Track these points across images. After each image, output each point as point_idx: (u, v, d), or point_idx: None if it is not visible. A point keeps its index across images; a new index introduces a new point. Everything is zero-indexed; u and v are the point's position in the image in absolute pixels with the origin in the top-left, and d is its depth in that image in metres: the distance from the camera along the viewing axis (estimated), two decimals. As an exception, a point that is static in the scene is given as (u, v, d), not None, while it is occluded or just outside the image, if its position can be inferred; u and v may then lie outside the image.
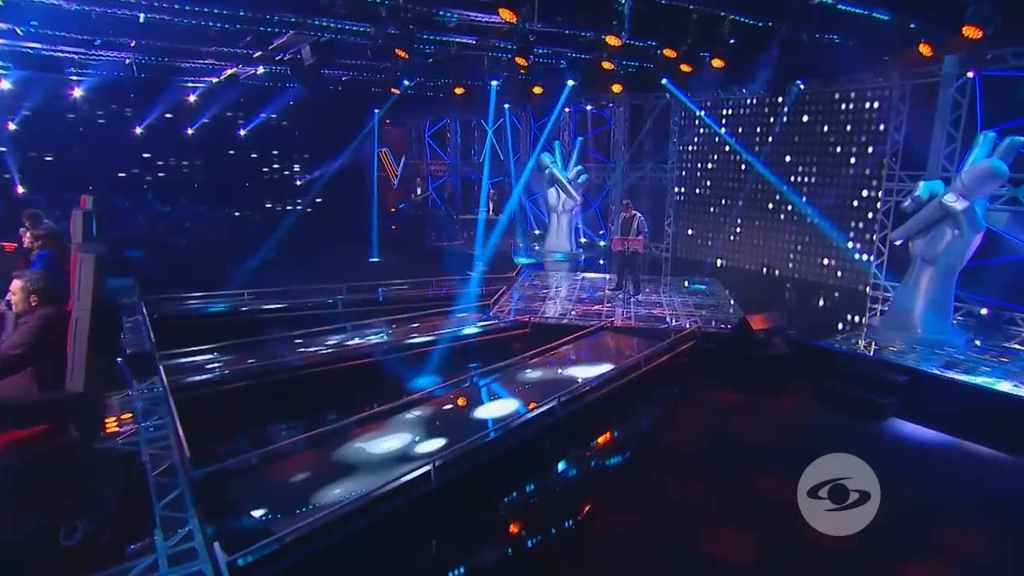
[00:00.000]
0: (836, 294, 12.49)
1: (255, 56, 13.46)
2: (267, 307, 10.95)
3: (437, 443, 6.30)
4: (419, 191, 21.39)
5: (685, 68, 12.71)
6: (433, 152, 22.52)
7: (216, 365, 8.17)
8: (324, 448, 6.20)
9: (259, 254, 14.97)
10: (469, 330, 10.14)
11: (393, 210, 21.17)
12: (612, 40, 10.51)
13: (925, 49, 9.90)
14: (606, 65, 12.56)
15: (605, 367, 8.30)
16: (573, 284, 13.48)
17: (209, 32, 11.43)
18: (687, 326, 10.00)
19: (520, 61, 12.02)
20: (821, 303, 12.47)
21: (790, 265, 13.51)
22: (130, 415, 5.71)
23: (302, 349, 9.03)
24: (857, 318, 11.29)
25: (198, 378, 7.52)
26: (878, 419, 7.94)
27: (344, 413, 6.79)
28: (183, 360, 8.12)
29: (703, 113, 15.04)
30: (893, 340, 9.48)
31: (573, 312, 11.08)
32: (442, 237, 18.61)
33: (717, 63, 12.21)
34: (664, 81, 13.95)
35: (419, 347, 9.31)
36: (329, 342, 9.35)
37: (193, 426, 5.75)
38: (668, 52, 11.64)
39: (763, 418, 8.15)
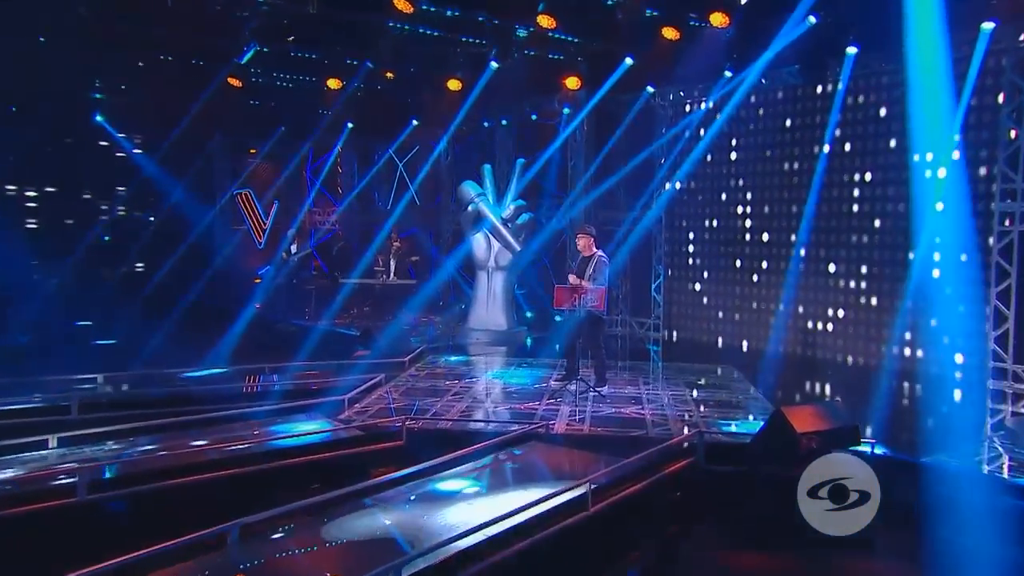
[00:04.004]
0: (917, 386, 11.21)
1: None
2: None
3: None
4: (293, 248, 19.57)
5: (670, 34, 11.33)
6: (320, 194, 21.05)
7: None
8: None
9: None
10: (287, 444, 8.11)
11: (258, 280, 19.00)
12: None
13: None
14: (544, 21, 10.85)
15: (522, 508, 6.34)
16: (504, 373, 12.10)
17: None
18: (679, 431, 8.57)
19: (401, 5, 9.91)
20: (902, 400, 11.08)
21: (839, 341, 12.45)
22: None
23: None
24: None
25: None
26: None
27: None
28: None
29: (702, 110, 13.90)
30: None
31: (488, 413, 9.58)
32: (320, 313, 16.88)
33: (719, 19, 10.77)
34: (628, 60, 12.71)
35: (171, 475, 7.03)
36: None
37: None
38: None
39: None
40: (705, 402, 10.08)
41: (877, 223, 11.75)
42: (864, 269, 11.98)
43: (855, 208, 12.06)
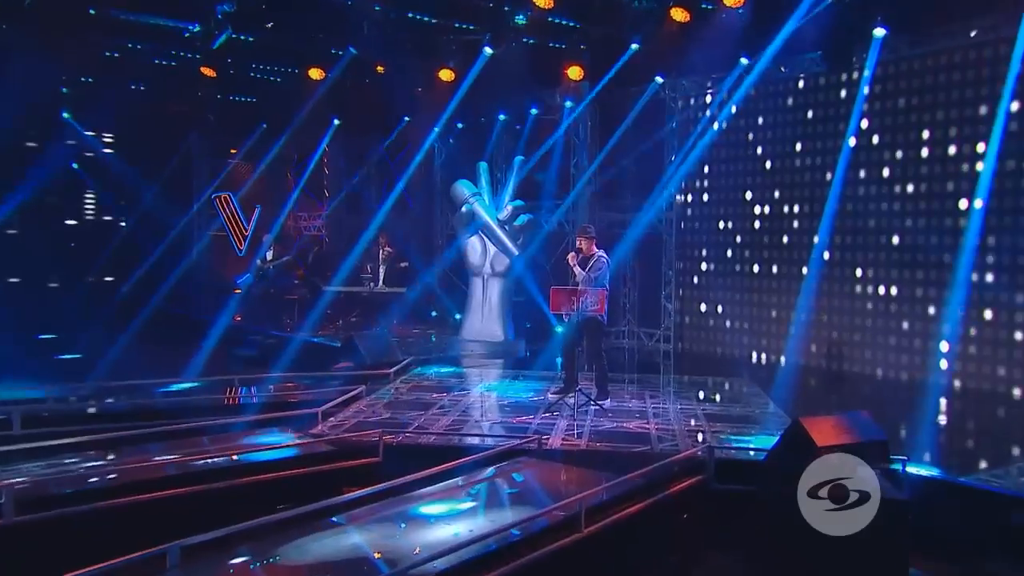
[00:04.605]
0: (955, 401, 11.16)
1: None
2: None
3: None
4: (269, 255, 19.50)
5: (679, 16, 11.35)
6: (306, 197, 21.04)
7: None
8: None
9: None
10: (251, 459, 7.97)
11: (238, 291, 18.96)
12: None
13: None
14: (541, 0, 10.54)
15: (508, 527, 6.21)
16: (497, 386, 12.00)
17: None
18: (687, 446, 8.41)
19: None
20: (938, 415, 10.83)
21: (867, 352, 12.33)
22: None
23: None
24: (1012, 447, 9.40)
25: None
26: None
27: None
28: None
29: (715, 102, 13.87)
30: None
31: (476, 427, 9.40)
32: (302, 323, 16.73)
33: (732, -2, 10.61)
34: (635, 46, 12.53)
35: (121, 493, 6.80)
36: None
37: None
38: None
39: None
40: (718, 416, 9.91)
41: (908, 223, 11.62)
42: (894, 274, 11.86)
43: (883, 207, 11.92)
